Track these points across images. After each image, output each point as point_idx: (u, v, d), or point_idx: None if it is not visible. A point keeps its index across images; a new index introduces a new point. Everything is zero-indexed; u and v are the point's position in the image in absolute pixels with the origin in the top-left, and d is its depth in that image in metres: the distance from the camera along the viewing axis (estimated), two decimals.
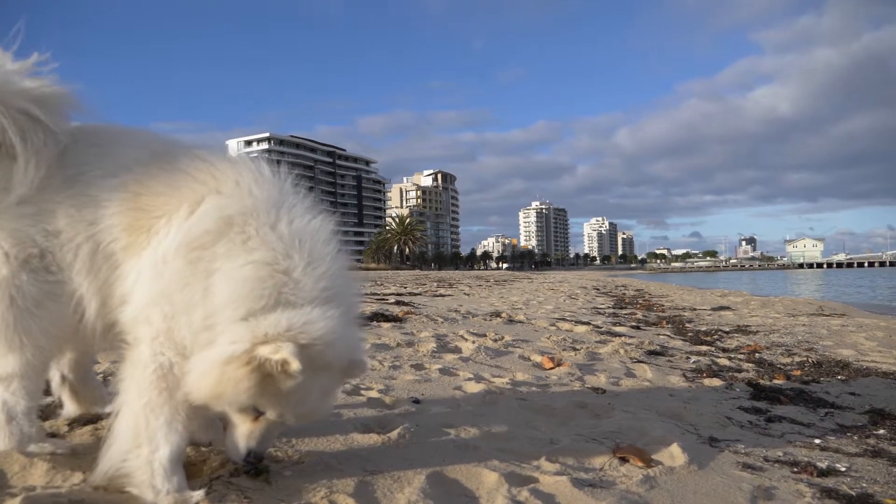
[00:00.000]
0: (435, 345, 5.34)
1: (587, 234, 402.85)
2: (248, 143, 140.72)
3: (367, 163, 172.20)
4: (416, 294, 15.14)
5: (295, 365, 1.75)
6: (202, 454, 2.26)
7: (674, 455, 2.74)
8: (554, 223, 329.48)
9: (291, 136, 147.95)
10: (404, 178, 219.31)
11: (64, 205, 2.09)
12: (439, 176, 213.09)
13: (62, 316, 2.11)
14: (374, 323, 6.72)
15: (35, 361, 2.11)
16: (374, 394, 3.54)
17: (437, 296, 15.02)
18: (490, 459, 2.54)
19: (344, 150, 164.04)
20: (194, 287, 1.88)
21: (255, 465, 2.04)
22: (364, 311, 8.38)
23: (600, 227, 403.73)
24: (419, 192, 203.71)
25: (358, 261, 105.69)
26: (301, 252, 1.95)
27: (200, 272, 1.89)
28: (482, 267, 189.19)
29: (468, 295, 16.15)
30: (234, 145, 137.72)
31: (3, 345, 2.06)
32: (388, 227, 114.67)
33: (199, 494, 1.87)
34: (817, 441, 3.17)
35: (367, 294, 13.43)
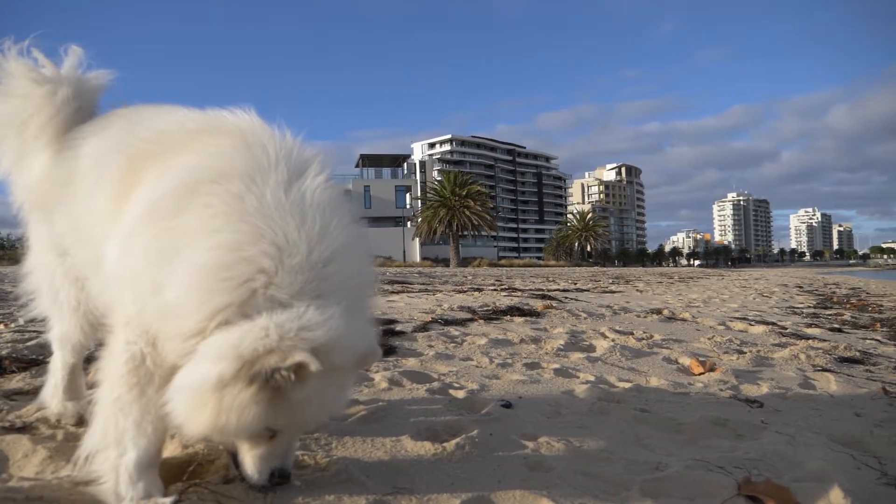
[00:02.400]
0: (564, 342, 4.75)
1: (794, 228, 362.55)
2: (432, 145, 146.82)
3: (548, 159, 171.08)
4: (582, 290, 14.35)
5: (314, 366, 1.39)
6: (214, 452, 2.00)
7: (832, 501, 1.96)
8: (754, 216, 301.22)
9: (472, 137, 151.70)
10: (586, 174, 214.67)
11: (78, 180, 1.98)
12: (623, 169, 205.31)
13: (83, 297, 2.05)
14: (507, 317, 6.25)
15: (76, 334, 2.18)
16: (461, 394, 3.11)
17: (606, 292, 14.09)
18: (560, 486, 1.98)
19: (524, 148, 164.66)
20: (159, 266, 1.54)
21: (284, 483, 1.73)
22: (498, 304, 7.98)
23: (810, 219, 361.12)
24: (602, 187, 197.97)
25: (538, 258, 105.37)
26: (286, 232, 1.54)
27: (165, 249, 1.55)
28: (671, 264, 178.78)
29: (640, 292, 14.96)
30: (418, 148, 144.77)
31: (54, 313, 2.20)
32: (568, 224, 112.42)
33: (166, 502, 1.59)
34: None
35: (513, 288, 12.98)
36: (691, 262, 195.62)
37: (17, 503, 1.49)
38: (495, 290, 12.40)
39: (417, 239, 64.19)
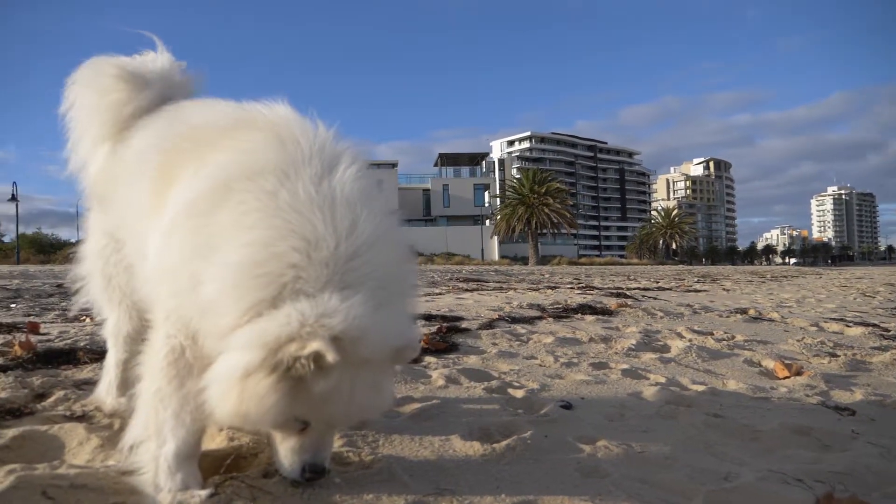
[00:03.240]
0: (635, 342, 4.53)
1: None
2: (511, 143, 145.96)
3: (630, 154, 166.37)
4: (664, 289, 13.80)
5: (331, 355, 1.36)
6: (258, 446, 2.00)
7: None
8: (857, 210, 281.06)
9: (552, 133, 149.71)
10: (671, 169, 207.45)
11: (125, 174, 2.04)
12: (711, 164, 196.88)
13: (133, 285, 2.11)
14: (578, 315, 6.05)
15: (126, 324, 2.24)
16: (520, 394, 3.00)
17: (690, 291, 13.49)
18: (614, 493, 1.85)
19: (605, 143, 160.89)
20: (196, 263, 1.56)
21: (318, 479, 1.70)
22: (569, 301, 7.75)
23: None
24: (688, 183, 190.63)
25: (620, 256, 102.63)
26: (316, 226, 1.52)
27: (201, 245, 1.56)
28: (763, 262, 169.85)
29: (727, 291, 14.23)
30: (497, 146, 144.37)
31: (105, 301, 2.28)
32: (652, 221, 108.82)
33: (203, 494, 1.59)
34: None
35: (590, 287, 12.62)
36: (786, 261, 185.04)
37: (62, 490, 1.52)
38: (571, 288, 12.13)
39: (496, 237, 64.02)
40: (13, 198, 41.09)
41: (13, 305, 6.99)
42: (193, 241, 1.58)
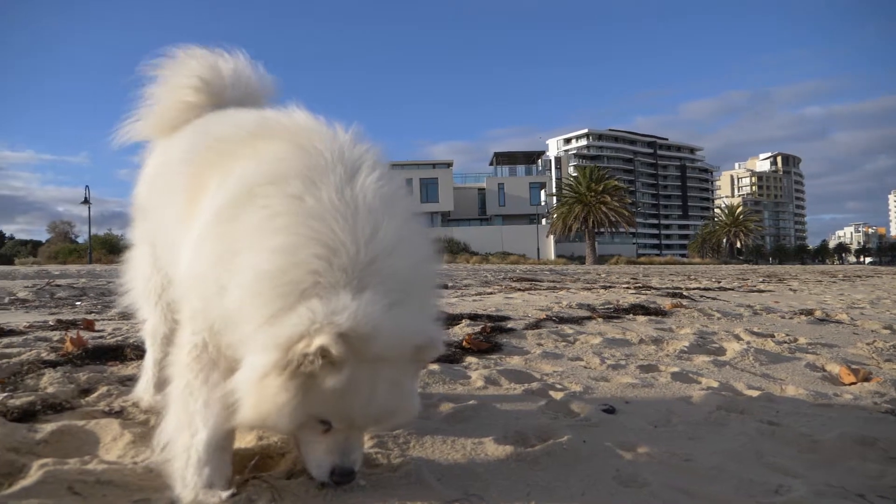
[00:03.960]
0: (689, 343, 4.34)
1: None
2: (567, 140, 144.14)
3: (692, 150, 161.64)
4: (725, 289, 13.29)
5: (336, 349, 1.35)
6: (286, 446, 1.99)
7: None
8: None
9: (610, 130, 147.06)
10: (736, 164, 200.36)
11: (160, 182, 2.10)
12: (779, 159, 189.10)
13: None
14: (629, 316, 5.86)
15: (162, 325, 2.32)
16: (561, 396, 2.90)
17: (753, 291, 12.95)
18: None
19: (665, 140, 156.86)
20: (221, 269, 1.58)
21: (347, 482, 1.68)
22: (621, 301, 7.52)
23: None
24: (754, 179, 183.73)
25: (682, 255, 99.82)
26: (336, 233, 1.52)
27: (225, 251, 1.59)
28: (836, 261, 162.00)
29: (794, 291, 13.58)
30: (553, 144, 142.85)
31: (144, 302, 2.37)
32: (715, 219, 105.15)
33: (224, 495, 1.58)
34: None
35: (647, 286, 12.25)
36: (861, 260, 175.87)
37: (88, 485, 1.54)
38: (627, 287, 11.84)
39: (552, 236, 63.26)
40: (86, 201, 43.30)
41: (78, 303, 7.32)
42: (219, 248, 1.61)
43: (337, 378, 1.40)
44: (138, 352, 3.20)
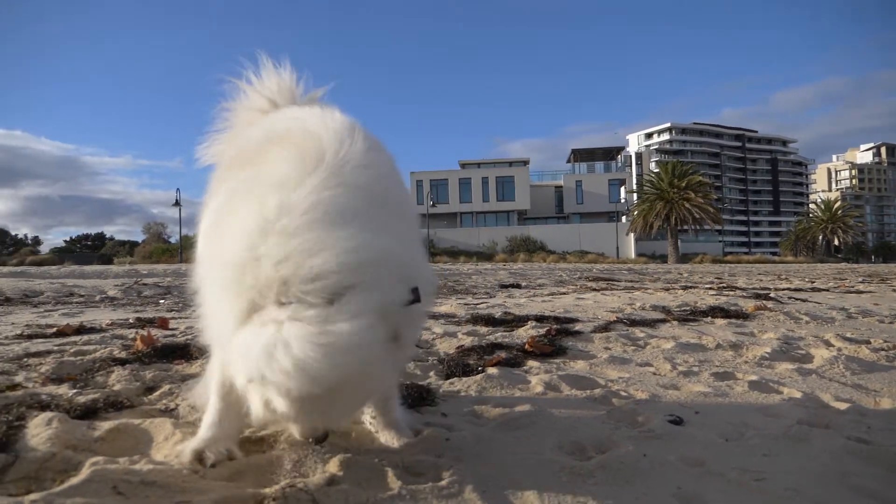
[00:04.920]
0: (771, 349, 4.05)
1: None
2: (649, 135, 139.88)
3: (784, 143, 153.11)
4: (819, 290, 12.45)
5: None
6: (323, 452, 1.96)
7: None
8: None
9: (694, 124, 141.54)
10: (833, 157, 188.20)
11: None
12: (883, 150, 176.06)
13: None
14: (707, 319, 5.55)
15: None
16: (625, 405, 2.75)
17: (851, 292, 12.06)
18: None
19: (755, 132, 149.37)
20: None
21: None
22: (699, 303, 7.14)
23: None
24: (854, 172, 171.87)
25: (772, 253, 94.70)
26: (298, 227, 1.47)
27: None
28: None
29: None
30: (634, 139, 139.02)
31: None
32: (810, 215, 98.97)
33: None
34: None
35: (732, 287, 11.61)
36: None
37: (132, 485, 1.56)
38: (710, 288, 11.30)
39: (632, 234, 61.51)
40: (177, 203, 45.86)
41: (162, 301, 7.71)
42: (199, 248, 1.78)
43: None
44: (203, 350, 3.30)
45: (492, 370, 3.22)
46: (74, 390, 2.52)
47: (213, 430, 1.82)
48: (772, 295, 9.00)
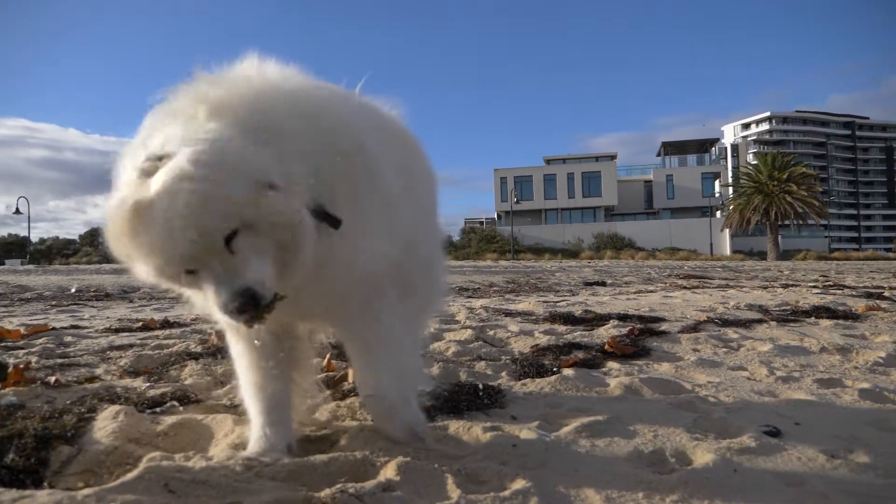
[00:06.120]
0: (885, 354, 3.63)
1: None
2: (746, 125, 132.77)
3: None
4: None
5: None
6: (378, 455, 1.87)
7: None
8: None
9: (796, 112, 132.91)
10: None
11: None
12: None
13: None
14: (811, 319, 5.09)
15: None
16: (714, 412, 2.51)
17: None
18: None
19: (866, 119, 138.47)
20: None
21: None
22: (801, 303, 6.57)
23: None
24: None
25: (887, 250, 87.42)
26: None
27: None
28: None
29: None
30: (729, 130, 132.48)
31: None
32: None
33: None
34: None
35: (840, 285, 10.69)
36: None
37: (184, 483, 1.53)
38: (814, 286, 10.49)
39: (727, 230, 58.48)
40: None
41: None
42: None
43: None
44: None
45: (568, 371, 3.05)
46: (148, 384, 2.57)
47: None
48: (886, 294, 8.21)
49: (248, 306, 1.45)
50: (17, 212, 44.60)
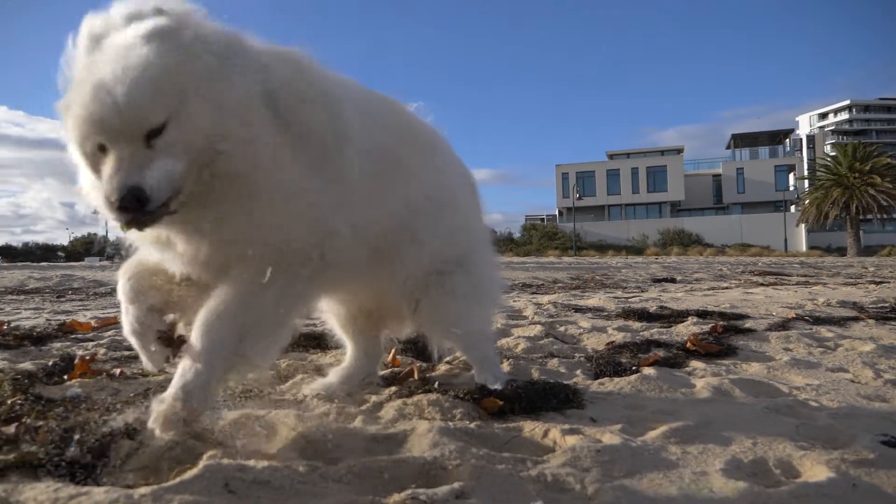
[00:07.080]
0: None
1: None
2: (823, 115, 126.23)
3: None
4: None
5: None
6: (451, 458, 1.72)
7: None
8: None
9: (880, 100, 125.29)
10: None
11: None
12: None
13: None
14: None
15: None
16: (819, 417, 2.25)
17: None
18: None
19: None
20: None
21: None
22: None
23: None
24: None
25: None
26: None
27: None
28: None
29: None
30: (805, 121, 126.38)
31: None
32: None
33: None
34: None
35: None
36: None
37: (244, 484, 1.44)
38: None
39: (803, 225, 55.70)
40: None
41: None
42: None
43: None
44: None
45: (648, 370, 2.84)
46: None
47: None
48: None
49: (131, 206, 1.35)
50: (96, 212, 47.20)
